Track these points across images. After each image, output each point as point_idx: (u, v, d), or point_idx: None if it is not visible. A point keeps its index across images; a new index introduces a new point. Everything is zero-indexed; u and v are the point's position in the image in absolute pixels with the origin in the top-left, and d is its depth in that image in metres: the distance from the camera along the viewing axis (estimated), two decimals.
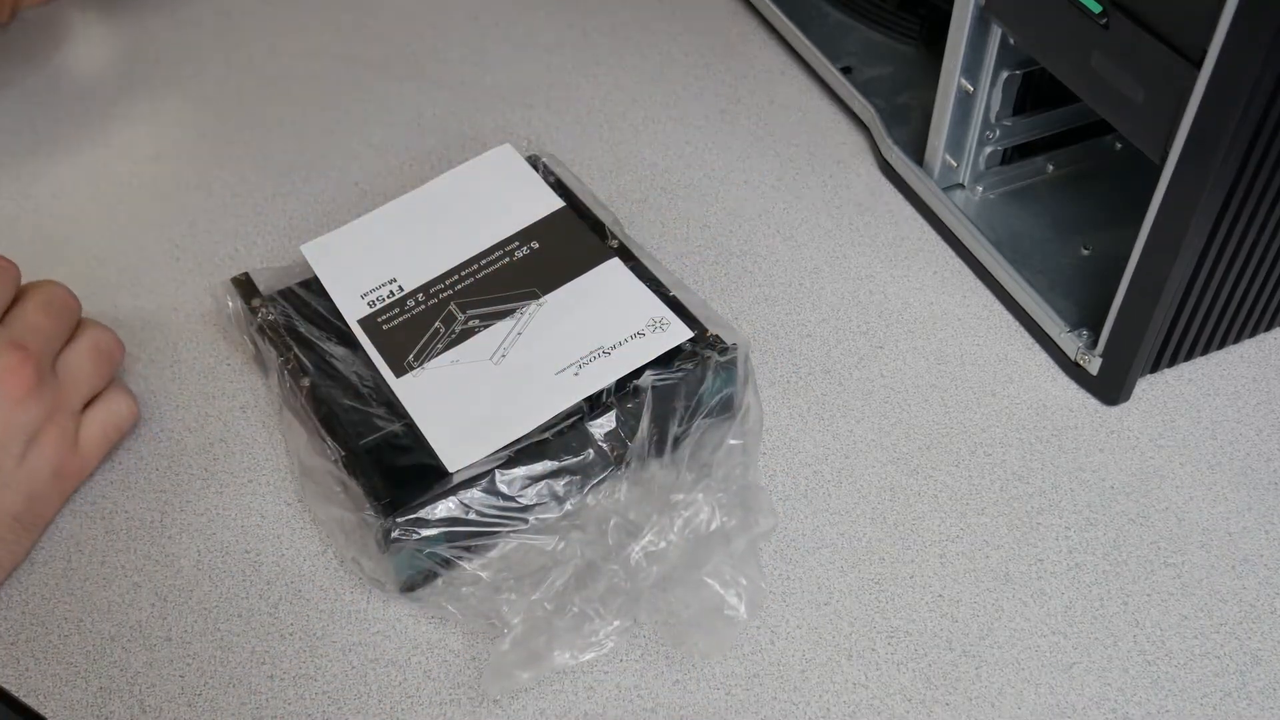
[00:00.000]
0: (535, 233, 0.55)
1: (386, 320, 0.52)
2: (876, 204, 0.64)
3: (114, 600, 0.48)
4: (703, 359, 0.50)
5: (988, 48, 0.56)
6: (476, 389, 0.49)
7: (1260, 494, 0.51)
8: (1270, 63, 0.41)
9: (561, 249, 0.54)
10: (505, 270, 0.54)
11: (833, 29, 0.71)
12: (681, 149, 0.67)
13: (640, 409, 0.48)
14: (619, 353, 0.50)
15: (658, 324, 0.51)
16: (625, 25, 0.75)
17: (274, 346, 0.51)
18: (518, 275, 0.54)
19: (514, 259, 0.54)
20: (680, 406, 0.50)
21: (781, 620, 0.47)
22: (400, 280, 0.54)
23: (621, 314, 0.51)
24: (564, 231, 0.55)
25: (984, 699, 0.45)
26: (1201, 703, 0.44)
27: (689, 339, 0.50)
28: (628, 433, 0.48)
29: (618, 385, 0.49)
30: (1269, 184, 0.47)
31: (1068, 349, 0.55)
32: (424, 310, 0.52)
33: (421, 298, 0.53)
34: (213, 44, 0.73)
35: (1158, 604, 0.47)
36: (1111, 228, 0.60)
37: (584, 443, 0.48)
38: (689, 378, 0.49)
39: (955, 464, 0.52)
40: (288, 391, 0.50)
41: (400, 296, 0.53)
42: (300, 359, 0.51)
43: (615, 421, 0.48)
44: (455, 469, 0.46)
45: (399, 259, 0.55)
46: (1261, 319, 0.55)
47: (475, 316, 0.52)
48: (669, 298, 0.52)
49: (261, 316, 0.52)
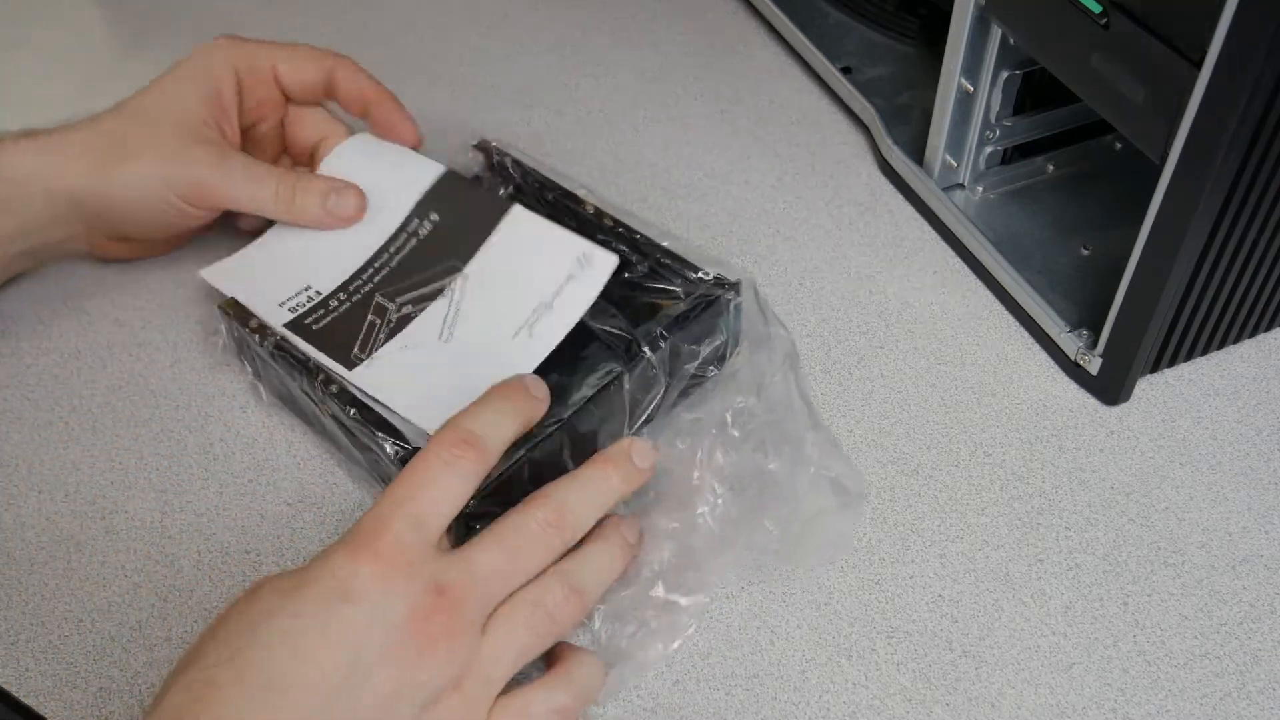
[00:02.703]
0: (430, 204, 0.55)
1: (314, 321, 0.51)
2: (876, 204, 0.64)
3: (114, 600, 0.48)
4: (714, 299, 0.50)
5: (988, 48, 0.56)
6: (436, 369, 0.49)
7: (1260, 494, 0.51)
8: (1270, 63, 0.41)
9: (461, 214, 0.54)
10: (416, 251, 0.53)
11: (833, 29, 0.71)
12: (681, 149, 0.67)
13: (665, 358, 0.48)
14: (560, 301, 0.50)
15: (583, 260, 0.50)
16: (625, 25, 0.75)
17: (297, 365, 0.49)
18: (430, 252, 0.53)
19: (420, 238, 0.54)
20: (704, 349, 0.50)
21: (781, 620, 0.47)
22: (315, 285, 0.53)
23: (546, 261, 0.51)
24: (456, 196, 0.55)
25: (984, 699, 0.45)
26: (1201, 703, 0.44)
27: (615, 265, 0.50)
28: (656, 385, 0.48)
29: (644, 337, 0.48)
30: (1269, 184, 0.47)
31: (1068, 349, 0.55)
32: (350, 307, 0.52)
33: (343, 296, 0.52)
34: None
35: (1158, 604, 0.47)
36: (1111, 228, 0.60)
37: (620, 401, 0.48)
38: (715, 323, 0.50)
39: (955, 464, 0.52)
40: (327, 404, 0.48)
41: (321, 299, 0.52)
42: (328, 371, 0.49)
43: (648, 373, 0.48)
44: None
45: (306, 267, 0.54)
46: (1261, 319, 0.55)
47: (407, 302, 0.51)
48: (661, 248, 0.52)
49: (270, 340, 0.50)
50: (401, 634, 0.37)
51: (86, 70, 0.66)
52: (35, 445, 0.53)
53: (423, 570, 0.38)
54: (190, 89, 0.55)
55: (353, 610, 0.37)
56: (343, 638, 0.37)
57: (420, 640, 0.37)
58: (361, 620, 0.37)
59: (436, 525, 0.39)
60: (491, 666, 0.39)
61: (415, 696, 0.37)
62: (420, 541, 0.39)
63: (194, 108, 0.54)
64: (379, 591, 0.37)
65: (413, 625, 0.37)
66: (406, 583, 0.38)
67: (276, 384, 0.52)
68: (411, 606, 0.38)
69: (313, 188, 0.54)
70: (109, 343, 0.57)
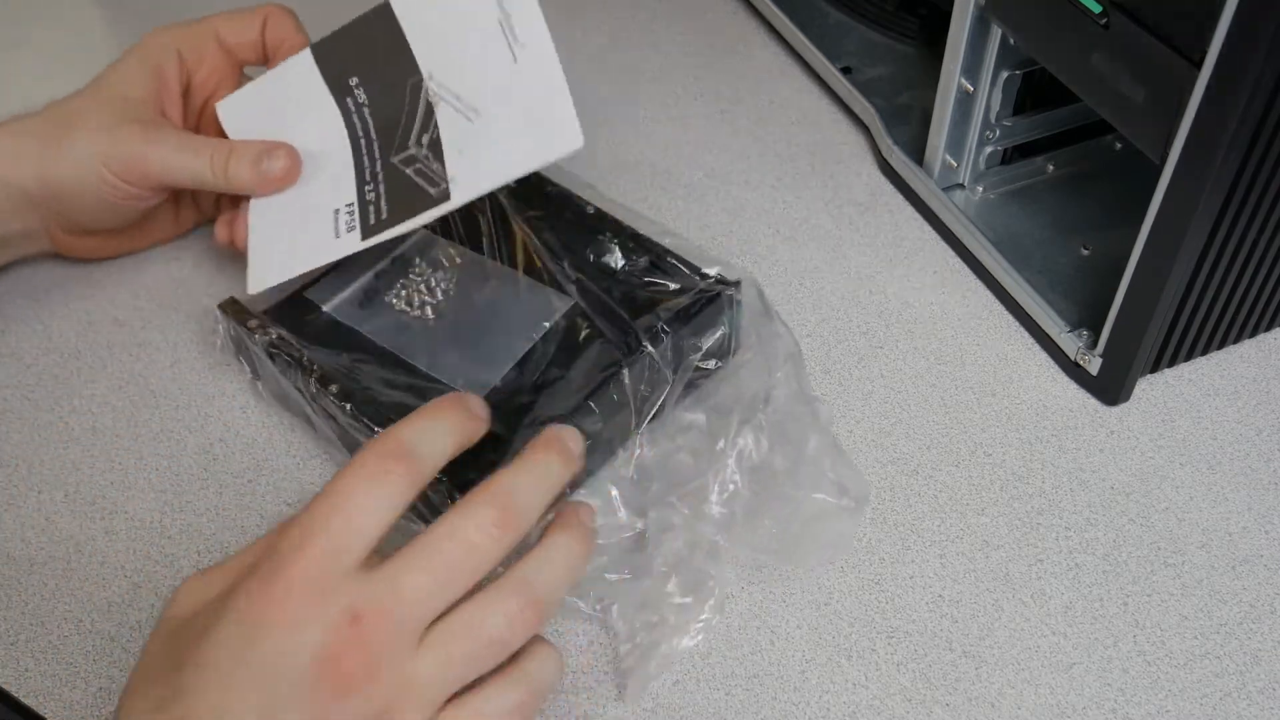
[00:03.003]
0: (337, 77, 0.54)
1: (376, 215, 0.51)
2: (876, 204, 0.64)
3: (114, 600, 0.47)
4: (715, 295, 0.50)
5: (988, 48, 0.56)
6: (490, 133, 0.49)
7: (1260, 494, 0.51)
8: (1270, 63, 0.41)
9: (366, 53, 0.53)
10: (375, 109, 0.53)
11: (833, 29, 0.71)
12: (681, 149, 0.67)
13: (667, 352, 0.48)
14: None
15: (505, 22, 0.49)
16: (625, 25, 0.75)
17: (293, 362, 0.49)
18: (386, 96, 0.53)
19: (367, 98, 0.53)
20: (706, 342, 0.50)
21: (781, 620, 0.47)
22: (338, 202, 0.52)
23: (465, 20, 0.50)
24: (347, 47, 0.54)
25: (984, 699, 0.45)
26: (1201, 703, 0.44)
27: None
28: (659, 384, 0.48)
29: (644, 330, 0.48)
30: (1269, 184, 0.47)
31: (1068, 349, 0.55)
32: (385, 180, 0.51)
33: (369, 181, 0.52)
34: None
35: (1158, 604, 0.47)
36: (1111, 228, 0.60)
37: (621, 395, 0.48)
38: (717, 318, 0.50)
39: (955, 464, 0.52)
40: (322, 402, 0.48)
41: (357, 200, 0.52)
42: (324, 368, 0.49)
43: (647, 368, 0.48)
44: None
45: (317, 203, 0.53)
46: (1261, 319, 0.55)
47: (418, 136, 0.51)
48: (662, 246, 0.52)
49: (264, 338, 0.50)
50: (315, 673, 0.34)
51: (86, 70, 0.65)
52: (35, 445, 0.53)
53: (338, 599, 0.35)
54: (132, 71, 0.55)
55: (262, 651, 0.34)
56: (257, 682, 0.34)
57: (334, 681, 0.34)
58: (272, 659, 0.34)
59: (359, 546, 0.36)
60: (427, 690, 0.36)
61: None
62: (337, 568, 0.35)
63: (134, 88, 0.54)
64: (287, 626, 0.35)
65: (324, 665, 0.34)
66: (320, 614, 0.35)
67: (273, 382, 0.52)
68: (322, 643, 0.34)
69: (244, 153, 0.53)
70: (109, 343, 0.57)
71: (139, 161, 0.53)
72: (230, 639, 0.35)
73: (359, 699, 0.35)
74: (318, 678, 0.34)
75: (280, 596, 0.35)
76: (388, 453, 0.37)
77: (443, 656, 0.36)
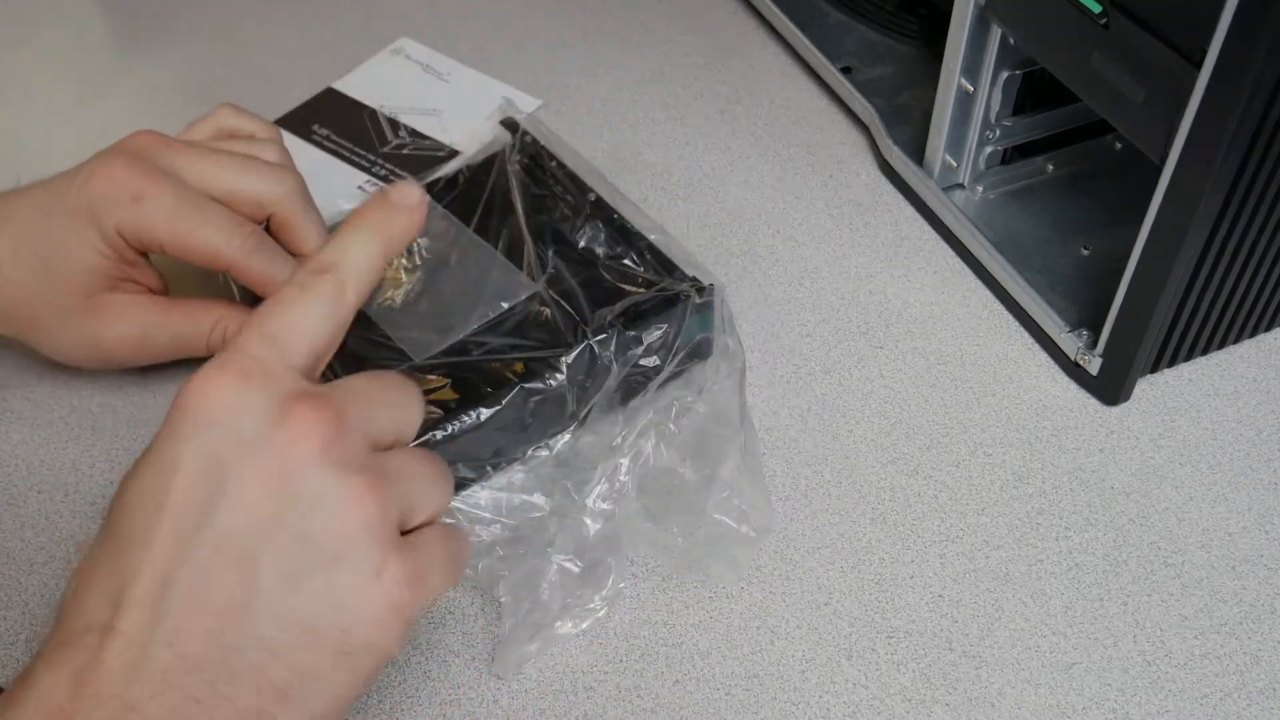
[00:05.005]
0: None
1: None
2: (876, 204, 0.64)
3: None
4: (679, 298, 0.50)
5: (988, 48, 0.56)
6: None
7: (1260, 494, 0.51)
8: (1270, 63, 0.41)
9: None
10: None
11: (833, 29, 0.71)
12: (681, 149, 0.67)
13: (611, 349, 0.49)
14: None
15: None
16: (625, 25, 0.75)
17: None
18: None
19: None
20: (651, 339, 0.50)
21: (781, 620, 0.47)
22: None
23: None
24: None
25: (984, 699, 0.45)
26: (1201, 703, 0.44)
27: None
28: (599, 375, 0.49)
29: (595, 321, 0.49)
30: (1269, 184, 0.47)
31: (1068, 349, 0.55)
32: None
33: None
34: (220, 59, 0.73)
35: (1158, 604, 0.47)
36: (1111, 228, 0.60)
37: (558, 383, 0.48)
38: (667, 317, 0.50)
39: (955, 464, 0.52)
40: None
41: None
42: None
43: (588, 361, 0.48)
44: None
45: None
46: (1261, 319, 0.55)
47: None
48: (646, 241, 0.52)
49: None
50: (266, 436, 0.33)
51: (86, 70, 0.66)
52: (35, 445, 0.53)
53: (284, 380, 0.34)
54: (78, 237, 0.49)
55: (209, 433, 0.33)
56: (198, 466, 0.33)
57: (310, 444, 0.33)
58: (216, 440, 0.33)
59: (295, 345, 0.35)
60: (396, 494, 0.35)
61: (298, 517, 0.33)
62: (278, 358, 0.35)
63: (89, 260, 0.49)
64: (235, 405, 0.33)
65: (300, 434, 0.33)
66: (263, 391, 0.34)
67: None
68: (298, 415, 0.33)
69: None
70: None
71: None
72: (174, 434, 0.34)
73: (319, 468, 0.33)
74: (269, 439, 0.33)
75: (231, 382, 0.34)
76: (311, 269, 0.37)
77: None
